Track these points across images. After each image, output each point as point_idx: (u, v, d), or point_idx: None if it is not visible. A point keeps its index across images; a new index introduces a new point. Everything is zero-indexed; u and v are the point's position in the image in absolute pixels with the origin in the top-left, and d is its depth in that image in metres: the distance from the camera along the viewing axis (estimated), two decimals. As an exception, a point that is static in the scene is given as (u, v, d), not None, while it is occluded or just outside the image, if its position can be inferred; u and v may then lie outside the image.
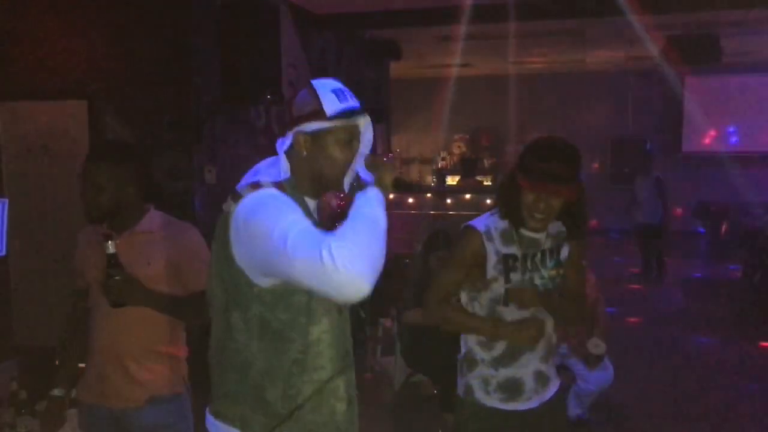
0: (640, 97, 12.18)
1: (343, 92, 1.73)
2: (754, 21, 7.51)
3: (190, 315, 2.37)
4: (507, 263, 2.24)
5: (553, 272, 2.28)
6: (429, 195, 8.84)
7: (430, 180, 12.96)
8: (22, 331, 5.00)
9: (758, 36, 8.56)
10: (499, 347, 2.29)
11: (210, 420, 1.79)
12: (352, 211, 1.58)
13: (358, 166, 1.76)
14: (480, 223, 2.27)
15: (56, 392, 2.43)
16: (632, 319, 6.91)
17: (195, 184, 5.06)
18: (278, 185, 1.70)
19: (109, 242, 2.18)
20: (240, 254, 1.63)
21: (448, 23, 6.98)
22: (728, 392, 5.03)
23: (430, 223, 7.06)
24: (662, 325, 6.69)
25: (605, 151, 12.68)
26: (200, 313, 2.23)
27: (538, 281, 2.27)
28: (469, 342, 2.36)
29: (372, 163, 1.75)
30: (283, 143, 1.75)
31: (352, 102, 1.73)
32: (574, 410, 4.33)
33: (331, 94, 1.71)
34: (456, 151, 13.18)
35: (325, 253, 1.43)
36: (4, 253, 2.31)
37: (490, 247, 2.23)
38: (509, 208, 2.20)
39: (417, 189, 1.87)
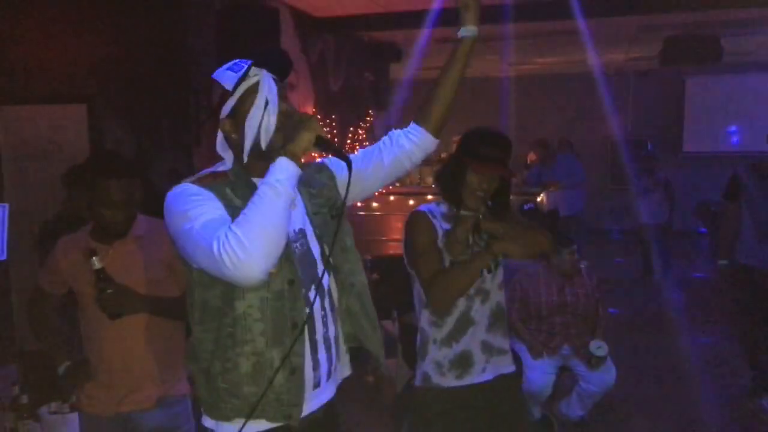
0: (640, 98, 12.17)
1: (237, 63, 1.72)
2: (754, 20, 7.51)
3: (186, 316, 2.37)
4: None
5: (485, 244, 2.42)
6: (430, 197, 8.84)
7: (430, 182, 12.92)
8: (24, 335, 4.99)
9: (759, 35, 8.56)
10: (449, 323, 2.42)
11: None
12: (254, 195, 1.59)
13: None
14: (422, 207, 2.51)
15: (62, 369, 2.42)
16: (633, 320, 6.89)
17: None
18: (218, 175, 1.76)
19: (94, 258, 2.18)
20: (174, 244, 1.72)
21: (448, 25, 6.97)
22: (730, 392, 5.02)
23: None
24: (663, 326, 6.68)
25: (605, 151, 12.67)
26: None
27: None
28: (422, 323, 2.49)
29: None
30: (220, 142, 1.81)
31: (246, 64, 1.71)
32: (576, 411, 4.33)
33: (227, 72, 1.72)
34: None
35: (215, 244, 1.52)
36: (5, 257, 2.30)
37: (436, 223, 2.43)
38: (450, 191, 2.42)
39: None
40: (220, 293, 1.69)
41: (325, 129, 7.64)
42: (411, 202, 8.15)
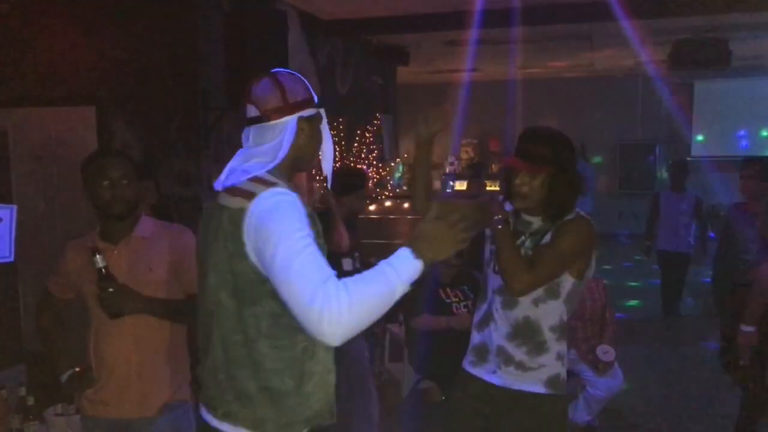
0: (648, 102, 12.13)
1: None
2: (763, 25, 7.47)
3: (188, 318, 2.37)
4: None
5: (531, 252, 2.35)
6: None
7: (438, 185, 12.93)
8: (31, 336, 5.01)
9: (768, 40, 8.52)
10: (481, 311, 2.47)
11: (215, 423, 1.75)
12: (379, 266, 1.56)
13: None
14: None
15: (65, 377, 2.43)
16: (641, 325, 6.86)
17: (203, 189, 5.07)
18: (271, 173, 1.73)
19: (97, 256, 2.18)
20: (251, 253, 1.64)
21: (455, 28, 6.97)
22: (738, 401, 4.98)
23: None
24: (671, 331, 6.64)
25: (613, 155, 12.64)
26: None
27: None
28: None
29: (446, 229, 1.61)
30: (281, 129, 1.75)
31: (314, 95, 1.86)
32: (583, 416, 4.30)
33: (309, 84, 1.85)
34: (464, 156, 13.15)
35: (320, 296, 1.47)
36: (12, 259, 2.30)
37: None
38: (506, 189, 2.38)
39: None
40: None
41: (332, 132, 7.62)
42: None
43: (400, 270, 1.55)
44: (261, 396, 1.69)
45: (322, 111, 1.86)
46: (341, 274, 1.56)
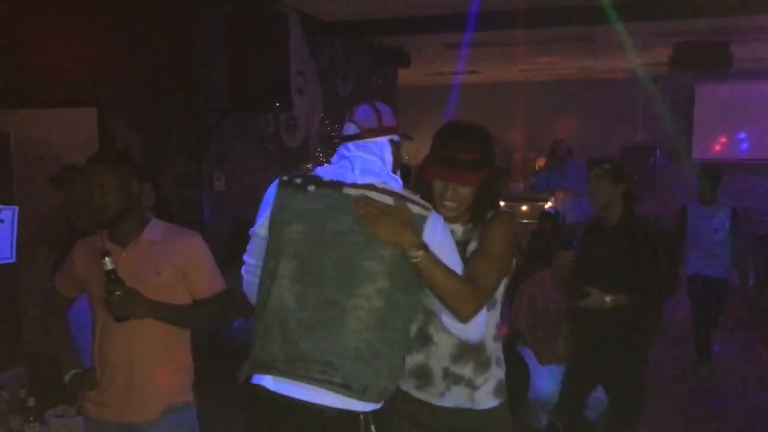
0: (649, 104, 12.13)
1: None
2: (764, 28, 7.47)
3: (194, 323, 2.36)
4: None
5: None
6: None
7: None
8: (32, 338, 5.01)
9: (769, 42, 8.51)
10: (414, 327, 2.15)
11: (349, 403, 1.89)
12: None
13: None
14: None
15: (67, 377, 2.42)
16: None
17: (203, 191, 5.07)
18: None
19: (107, 259, 2.18)
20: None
21: (456, 30, 6.97)
22: (747, 402, 4.98)
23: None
24: (673, 333, 6.62)
25: (614, 158, 12.62)
26: (204, 320, 2.22)
27: None
28: None
29: None
30: (380, 146, 2.07)
31: None
32: (540, 421, 4.22)
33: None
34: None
35: (476, 322, 2.02)
36: (14, 260, 2.31)
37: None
38: (426, 199, 2.07)
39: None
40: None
41: (332, 134, 7.67)
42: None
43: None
44: (387, 370, 1.96)
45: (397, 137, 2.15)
46: None
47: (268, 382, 1.94)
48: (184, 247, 2.37)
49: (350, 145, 2.08)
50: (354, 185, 1.99)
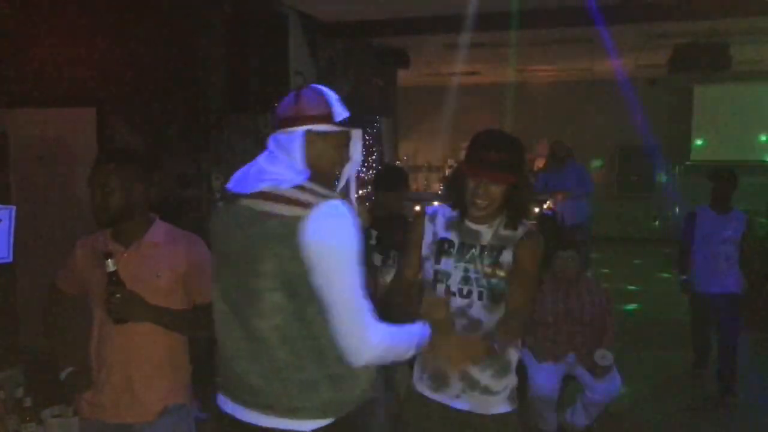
0: (648, 106, 12.15)
1: (342, 103, 1.95)
2: (763, 29, 7.48)
3: (193, 328, 2.36)
4: (441, 246, 2.34)
5: (489, 270, 2.27)
6: (436, 203, 8.84)
7: (437, 187, 12.93)
8: (29, 338, 5.00)
9: (768, 44, 8.52)
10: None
11: (285, 423, 1.81)
12: (409, 328, 1.92)
13: (350, 173, 2.00)
14: (433, 207, 2.46)
15: (64, 375, 2.42)
16: (639, 328, 6.85)
17: (203, 191, 5.07)
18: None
19: (109, 260, 2.18)
20: (307, 258, 1.74)
21: (455, 31, 6.98)
22: (747, 402, 4.98)
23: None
24: (671, 335, 6.63)
25: (613, 159, 12.65)
26: (204, 326, 2.21)
27: (471, 274, 2.28)
28: None
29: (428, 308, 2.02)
30: (291, 139, 1.85)
31: (347, 113, 1.95)
32: (581, 420, 4.30)
33: (337, 103, 1.93)
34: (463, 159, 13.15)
35: (371, 341, 1.77)
36: (11, 259, 2.30)
37: (429, 228, 2.38)
38: (456, 197, 2.32)
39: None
40: None
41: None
42: (417, 207, 8.15)
43: (420, 340, 1.93)
44: (325, 383, 1.81)
45: (353, 132, 1.97)
46: (371, 268, 1.66)
47: (222, 401, 1.95)
48: (187, 252, 2.36)
49: (270, 139, 1.92)
50: (247, 195, 1.83)
